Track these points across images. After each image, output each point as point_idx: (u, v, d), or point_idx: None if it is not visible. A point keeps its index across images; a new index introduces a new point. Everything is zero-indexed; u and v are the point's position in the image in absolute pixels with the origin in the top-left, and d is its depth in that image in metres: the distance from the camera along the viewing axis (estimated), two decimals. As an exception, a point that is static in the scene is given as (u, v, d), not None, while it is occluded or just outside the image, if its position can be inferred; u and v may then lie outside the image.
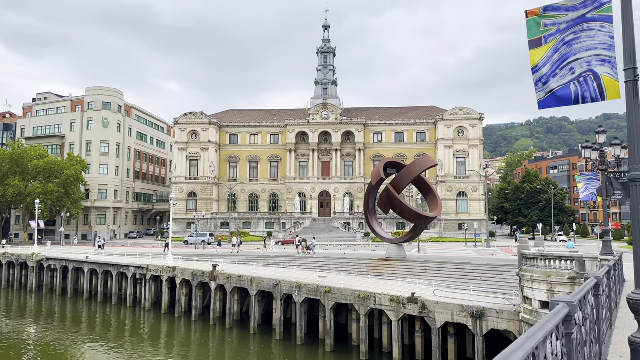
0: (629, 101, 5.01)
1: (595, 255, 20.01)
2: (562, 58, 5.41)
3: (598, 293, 6.28)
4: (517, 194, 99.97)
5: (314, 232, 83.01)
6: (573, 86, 5.35)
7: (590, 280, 5.81)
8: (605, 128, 20.99)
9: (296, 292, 33.48)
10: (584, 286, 5.41)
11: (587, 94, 5.25)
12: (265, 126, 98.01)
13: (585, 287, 5.35)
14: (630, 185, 4.97)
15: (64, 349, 34.07)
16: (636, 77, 4.97)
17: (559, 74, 5.45)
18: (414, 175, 38.49)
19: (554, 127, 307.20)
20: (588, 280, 5.92)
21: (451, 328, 26.85)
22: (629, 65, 5.04)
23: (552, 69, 5.50)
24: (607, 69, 5.13)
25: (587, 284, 5.54)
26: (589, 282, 5.77)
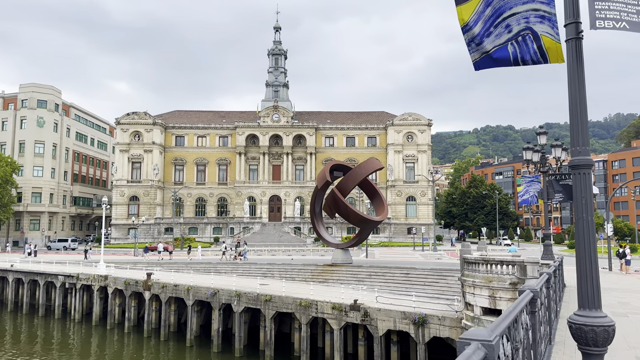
0: (570, 65, 3.91)
1: (537, 260, 19.59)
2: (495, 13, 4.31)
3: (534, 310, 5.25)
4: (464, 199, 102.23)
5: (264, 237, 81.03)
6: (511, 47, 4.29)
7: (544, 275, 6.58)
8: (547, 136, 20.76)
9: (235, 301, 31.64)
10: (541, 278, 6.25)
11: (527, 56, 4.17)
12: (213, 128, 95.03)
13: (541, 279, 6.14)
14: (573, 173, 3.87)
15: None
16: (579, 33, 3.87)
17: (493, 33, 4.36)
18: (360, 178, 37.64)
19: (500, 135, 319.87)
20: (542, 275, 6.76)
21: (394, 335, 25.98)
22: (570, 19, 3.94)
23: (485, 28, 4.40)
24: (546, 28, 4.02)
25: (543, 277, 6.28)
26: (544, 276, 6.59)
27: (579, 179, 3.83)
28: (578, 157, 3.81)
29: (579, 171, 3.82)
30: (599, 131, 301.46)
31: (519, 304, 4.13)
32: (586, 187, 3.79)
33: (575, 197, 3.86)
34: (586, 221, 3.73)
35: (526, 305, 4.88)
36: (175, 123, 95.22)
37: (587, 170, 3.81)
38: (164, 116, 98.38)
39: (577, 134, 3.81)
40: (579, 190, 3.82)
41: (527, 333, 4.77)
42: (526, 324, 4.71)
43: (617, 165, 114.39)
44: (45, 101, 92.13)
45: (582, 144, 3.79)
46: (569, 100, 3.93)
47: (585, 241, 3.71)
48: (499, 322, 5.13)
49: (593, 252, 3.68)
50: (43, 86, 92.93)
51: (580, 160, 3.79)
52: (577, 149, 3.81)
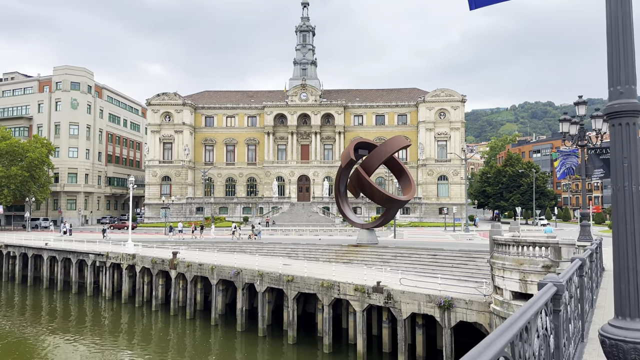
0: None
1: (572, 241, 18.02)
2: None
3: (558, 308, 4.14)
4: (499, 178, 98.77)
5: (292, 217, 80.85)
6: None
7: (575, 262, 5.97)
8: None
9: (258, 281, 31.27)
10: (570, 267, 5.67)
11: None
12: (242, 108, 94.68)
13: (571, 267, 5.58)
14: (611, 124, 2.70)
15: (23, 341, 31.89)
16: None
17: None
18: (386, 156, 36.24)
19: (539, 112, 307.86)
20: (574, 261, 6.13)
21: (419, 319, 24.97)
22: None
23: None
24: None
25: (573, 265, 5.72)
26: (574, 263, 5.94)
27: (619, 132, 2.65)
28: (618, 100, 2.62)
29: (619, 120, 2.64)
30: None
31: (533, 305, 3.04)
32: (630, 143, 2.62)
33: (613, 159, 2.70)
34: (629, 192, 2.56)
35: (545, 304, 3.77)
36: (204, 103, 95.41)
37: (631, 118, 2.63)
38: (193, 97, 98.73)
39: (617, 66, 2.62)
40: (619, 148, 2.64)
41: (545, 340, 3.67)
42: (545, 329, 3.61)
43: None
44: (78, 83, 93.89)
45: (626, 81, 2.60)
46: (607, 19, 2.73)
47: (627, 222, 2.56)
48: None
49: (637, 236, 2.53)
50: (76, 68, 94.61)
51: (622, 105, 2.61)
52: (618, 88, 2.62)
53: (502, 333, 2.46)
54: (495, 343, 2.25)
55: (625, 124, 2.63)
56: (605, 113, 2.74)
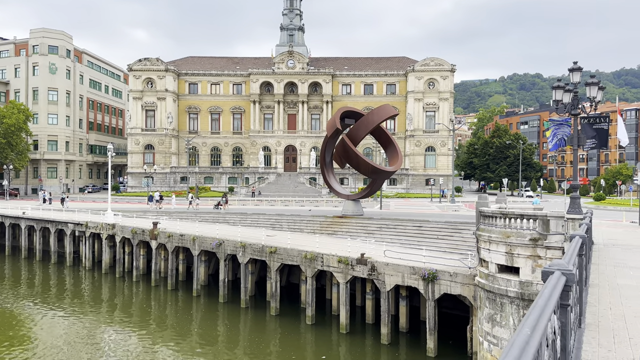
0: None
1: (561, 214, 17.50)
2: None
3: (567, 303, 3.39)
4: (486, 149, 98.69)
5: (279, 187, 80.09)
6: None
7: (576, 241, 5.65)
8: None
9: (240, 252, 30.65)
10: (572, 247, 5.31)
11: None
12: (227, 75, 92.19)
13: (573, 248, 5.25)
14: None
15: (1, 311, 30.99)
16: None
17: None
18: (373, 125, 35.30)
19: (527, 84, 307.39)
20: (574, 240, 5.76)
21: (403, 290, 24.68)
22: None
23: None
24: None
25: (574, 245, 5.38)
26: (575, 242, 5.60)
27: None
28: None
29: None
30: (631, 79, 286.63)
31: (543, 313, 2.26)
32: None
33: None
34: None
35: (556, 302, 3.00)
36: (188, 70, 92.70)
37: None
38: (176, 62, 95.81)
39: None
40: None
41: (553, 347, 2.90)
42: (553, 332, 2.84)
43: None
44: (56, 47, 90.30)
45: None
46: None
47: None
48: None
49: None
50: (53, 31, 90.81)
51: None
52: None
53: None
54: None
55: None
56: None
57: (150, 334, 26.91)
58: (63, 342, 25.01)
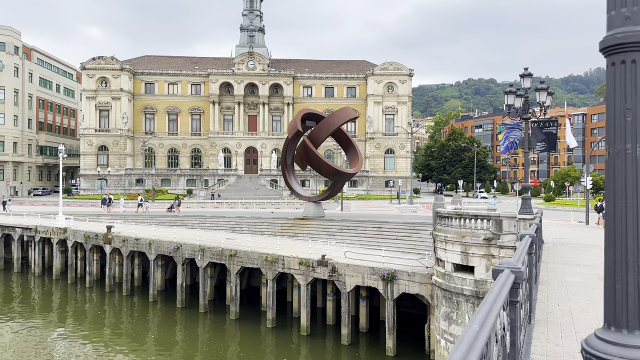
0: None
1: (513, 214, 18.17)
2: None
3: (515, 299, 3.50)
4: (443, 152, 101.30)
5: (239, 189, 79.15)
6: None
7: (526, 240, 5.73)
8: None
9: (199, 256, 30.07)
10: (521, 246, 5.39)
11: None
12: (185, 75, 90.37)
13: (522, 247, 5.34)
14: (611, 62, 1.94)
15: None
16: None
17: None
18: (333, 128, 35.53)
19: (482, 89, 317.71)
20: (524, 239, 5.85)
21: (363, 291, 24.94)
22: None
23: None
24: None
25: (524, 244, 5.43)
26: (525, 241, 5.67)
27: (621, 73, 1.90)
28: (623, 27, 1.86)
29: (623, 57, 1.87)
30: (579, 85, 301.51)
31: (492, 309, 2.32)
32: (636, 89, 1.86)
33: (611, 110, 1.95)
34: (632, 157, 1.82)
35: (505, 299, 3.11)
36: (144, 69, 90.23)
37: (638, 54, 1.87)
38: (132, 61, 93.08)
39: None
40: (620, 96, 1.88)
41: (502, 342, 2.99)
42: (503, 328, 2.92)
43: (596, 119, 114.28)
44: (3, 43, 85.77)
45: (634, 1, 1.84)
46: None
47: (628, 198, 1.82)
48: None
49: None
50: (0, 27, 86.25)
51: (628, 35, 1.83)
52: (622, 11, 1.84)
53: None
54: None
55: (630, 62, 1.88)
56: (603, 47, 1.98)
57: (104, 341, 25.98)
58: (12, 353, 23.75)
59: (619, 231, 1.84)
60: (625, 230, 1.83)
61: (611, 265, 1.89)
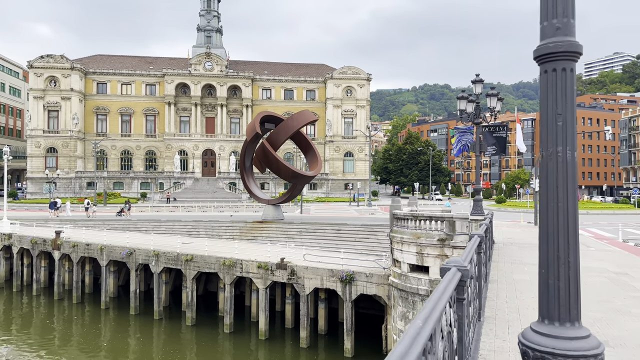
0: None
1: (466, 215, 18.76)
2: None
3: (462, 297, 3.60)
4: (400, 155, 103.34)
5: (196, 192, 77.64)
6: None
7: (475, 240, 5.87)
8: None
9: (153, 261, 29.27)
10: (470, 246, 5.47)
11: None
12: (139, 75, 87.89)
13: (471, 246, 5.41)
14: (543, 70, 2.06)
15: None
16: None
17: None
18: (293, 130, 35.53)
19: (437, 94, 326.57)
20: (473, 239, 6.00)
21: (322, 293, 25.02)
22: None
23: None
24: None
25: (472, 243, 5.57)
26: (474, 240, 5.83)
27: (553, 81, 2.02)
28: (554, 37, 1.98)
29: (554, 65, 2.00)
30: (528, 92, 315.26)
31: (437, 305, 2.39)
32: (566, 96, 1.98)
33: (544, 115, 2.07)
34: (563, 160, 1.94)
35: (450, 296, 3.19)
36: (96, 68, 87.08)
37: (568, 62, 2.00)
38: (83, 60, 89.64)
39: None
40: (552, 102, 2.00)
41: (449, 338, 3.08)
42: (449, 325, 3.02)
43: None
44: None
45: (564, 12, 1.96)
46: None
47: (560, 198, 1.94)
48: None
49: (571, 219, 1.93)
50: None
51: (558, 44, 1.96)
52: (554, 22, 1.97)
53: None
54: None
55: (561, 70, 2.02)
56: (536, 55, 2.10)
57: (53, 351, 24.81)
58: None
59: (552, 229, 1.96)
60: (557, 228, 1.95)
61: (544, 262, 2.01)
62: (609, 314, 7.21)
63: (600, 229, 33.03)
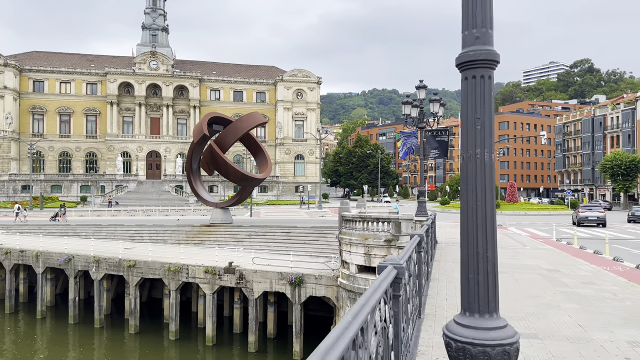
0: None
1: (411, 217, 19.31)
2: None
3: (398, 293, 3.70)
4: (350, 158, 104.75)
5: (140, 196, 75.08)
6: None
7: (415, 239, 6.04)
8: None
9: (94, 267, 28.01)
10: (409, 245, 5.57)
11: None
12: (80, 73, 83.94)
13: (409, 245, 5.48)
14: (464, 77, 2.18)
15: None
16: None
17: None
18: (242, 132, 35.14)
19: (385, 99, 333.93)
20: (413, 238, 6.16)
21: (271, 297, 24.89)
22: None
23: None
24: None
25: (411, 243, 5.71)
26: (413, 240, 6.01)
27: (472, 87, 2.15)
28: (473, 46, 2.12)
29: (473, 72, 2.13)
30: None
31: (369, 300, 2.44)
32: (484, 101, 2.13)
33: (465, 120, 2.19)
34: (481, 161, 2.08)
35: (385, 291, 3.26)
36: (32, 65, 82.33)
37: (486, 70, 2.14)
38: (18, 57, 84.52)
39: (473, 3, 2.09)
40: (471, 107, 2.14)
41: (384, 333, 3.16)
42: (384, 320, 3.10)
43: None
44: None
45: (482, 22, 2.10)
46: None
47: (478, 197, 2.07)
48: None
49: (489, 216, 2.07)
50: None
51: (477, 52, 2.10)
52: (473, 32, 2.10)
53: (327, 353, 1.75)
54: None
55: (479, 77, 2.15)
56: (458, 63, 2.23)
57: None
58: None
59: (471, 226, 2.08)
60: (476, 225, 2.07)
61: (465, 257, 2.13)
62: (540, 308, 7.64)
63: (536, 228, 34.94)
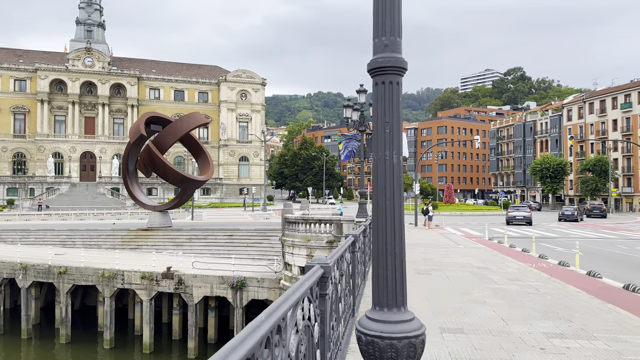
0: None
1: (352, 218, 19.67)
2: None
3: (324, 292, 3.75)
4: (295, 160, 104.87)
5: (73, 199, 71.16)
6: None
7: (349, 239, 6.10)
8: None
9: (20, 275, 26.27)
10: (341, 245, 5.60)
11: None
12: (7, 69, 78.39)
13: (342, 245, 5.52)
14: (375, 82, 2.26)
15: None
16: None
17: None
18: (182, 133, 34.24)
19: (330, 102, 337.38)
20: (347, 238, 6.20)
21: (212, 301, 24.41)
22: None
23: None
24: None
25: (344, 243, 5.76)
26: (347, 240, 6.04)
27: (382, 92, 2.25)
28: (383, 53, 2.22)
29: (383, 78, 2.23)
30: (412, 103, 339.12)
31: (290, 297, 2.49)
32: (392, 106, 2.23)
33: (375, 123, 2.29)
34: (389, 163, 2.17)
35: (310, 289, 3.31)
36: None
37: (394, 76, 2.25)
38: None
39: (382, 12, 2.19)
40: (381, 111, 2.23)
41: (307, 332, 3.21)
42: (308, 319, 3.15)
43: (425, 133, 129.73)
44: None
45: (391, 31, 2.21)
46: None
47: (387, 196, 2.17)
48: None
49: (397, 214, 2.18)
50: None
51: (386, 59, 2.21)
52: (383, 39, 2.21)
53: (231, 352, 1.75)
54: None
55: (388, 83, 2.26)
56: (369, 69, 2.33)
57: None
58: None
59: (381, 224, 2.18)
60: (385, 223, 2.18)
61: (376, 254, 2.22)
62: (467, 304, 8.02)
63: (471, 228, 36.59)
